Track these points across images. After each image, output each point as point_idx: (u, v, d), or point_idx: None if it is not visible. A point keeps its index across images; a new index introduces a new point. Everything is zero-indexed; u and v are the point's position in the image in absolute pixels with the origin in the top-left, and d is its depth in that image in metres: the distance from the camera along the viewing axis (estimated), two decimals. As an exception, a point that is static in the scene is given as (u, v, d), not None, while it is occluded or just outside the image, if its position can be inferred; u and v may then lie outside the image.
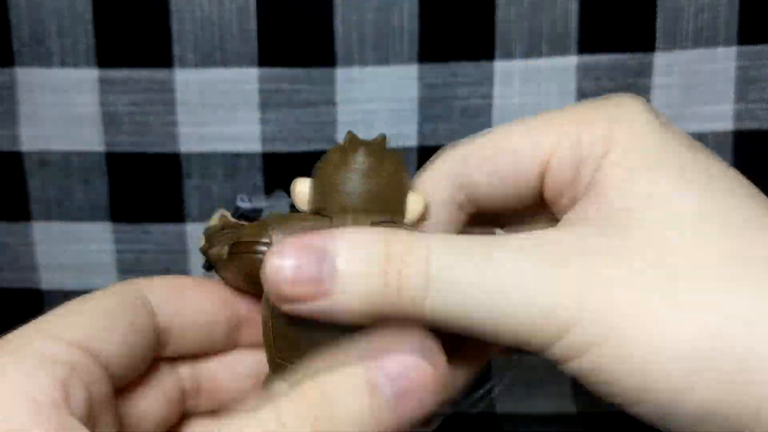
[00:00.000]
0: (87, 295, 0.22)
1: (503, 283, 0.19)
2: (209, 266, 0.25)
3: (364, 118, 0.42)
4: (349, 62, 0.41)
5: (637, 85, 0.41)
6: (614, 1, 0.40)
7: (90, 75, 0.42)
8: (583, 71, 0.41)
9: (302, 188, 0.24)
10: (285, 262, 0.20)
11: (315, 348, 0.21)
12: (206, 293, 0.25)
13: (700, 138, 0.42)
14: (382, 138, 0.23)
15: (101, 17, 0.42)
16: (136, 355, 0.22)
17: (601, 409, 0.43)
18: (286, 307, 0.20)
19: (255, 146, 0.43)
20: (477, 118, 0.42)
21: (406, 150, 0.42)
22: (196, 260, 0.44)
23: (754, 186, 0.22)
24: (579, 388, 0.44)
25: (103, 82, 0.42)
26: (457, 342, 0.22)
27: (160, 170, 0.43)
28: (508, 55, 0.41)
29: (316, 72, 0.42)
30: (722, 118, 0.42)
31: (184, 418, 0.26)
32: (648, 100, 0.41)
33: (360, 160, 0.23)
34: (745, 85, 0.41)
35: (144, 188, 0.44)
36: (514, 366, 0.44)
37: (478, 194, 0.23)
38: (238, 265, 0.24)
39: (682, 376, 0.18)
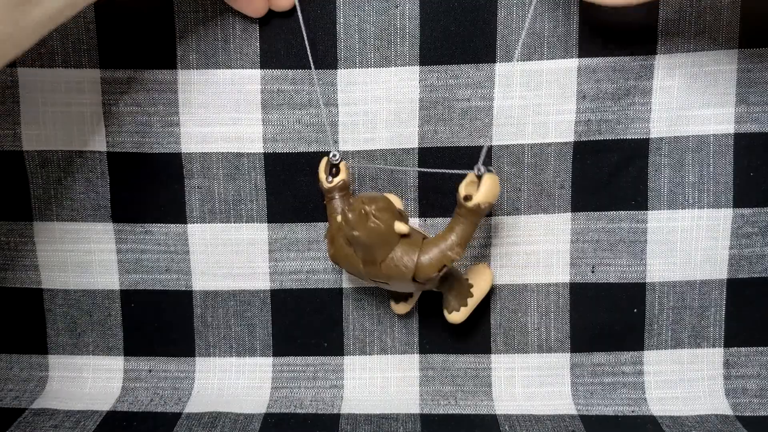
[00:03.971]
0: None
1: None
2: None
3: (365, 120, 0.42)
4: (351, 64, 0.42)
5: (638, 87, 0.41)
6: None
7: (92, 75, 0.42)
8: (584, 73, 0.41)
9: None
10: None
11: None
12: None
13: (702, 140, 0.42)
14: None
15: (103, 18, 0.42)
16: None
17: (600, 410, 0.43)
18: None
19: (256, 147, 0.43)
20: (477, 120, 0.42)
21: (406, 151, 0.42)
22: (198, 260, 0.45)
23: None
24: (579, 388, 0.44)
25: (104, 82, 0.42)
26: None
27: (161, 170, 0.43)
28: (509, 57, 0.41)
29: (317, 73, 0.42)
30: (723, 120, 0.42)
31: None
32: (649, 102, 0.42)
33: None
34: (746, 87, 0.41)
35: (145, 188, 0.44)
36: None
37: None
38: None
39: None
